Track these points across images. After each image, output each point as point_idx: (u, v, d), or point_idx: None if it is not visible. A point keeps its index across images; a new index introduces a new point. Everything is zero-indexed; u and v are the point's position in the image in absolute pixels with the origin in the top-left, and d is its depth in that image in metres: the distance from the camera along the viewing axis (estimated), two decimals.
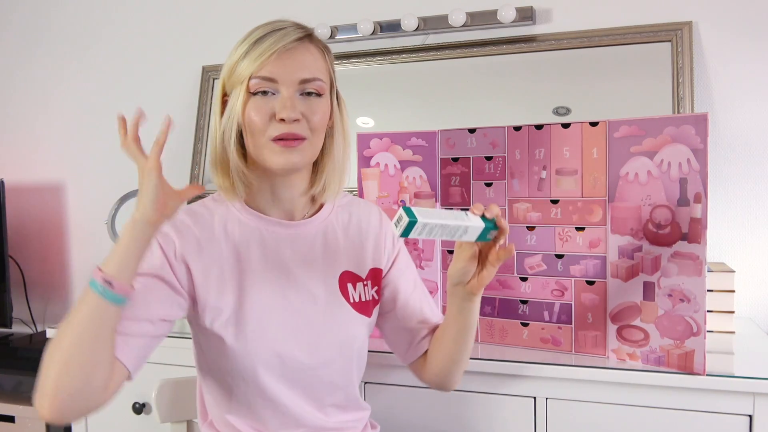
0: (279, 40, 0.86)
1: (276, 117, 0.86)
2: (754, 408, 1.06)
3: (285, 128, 0.86)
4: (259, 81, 0.86)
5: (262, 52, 0.86)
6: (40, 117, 2.17)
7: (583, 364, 1.15)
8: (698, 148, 1.06)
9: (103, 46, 2.09)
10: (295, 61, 0.87)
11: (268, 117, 0.87)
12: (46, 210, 2.17)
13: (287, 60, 0.87)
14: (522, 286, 1.26)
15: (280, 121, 0.86)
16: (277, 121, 0.86)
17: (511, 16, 1.62)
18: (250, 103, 0.87)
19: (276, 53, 0.86)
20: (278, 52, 0.86)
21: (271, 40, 0.86)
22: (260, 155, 0.89)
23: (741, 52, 1.51)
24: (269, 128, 0.87)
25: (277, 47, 0.86)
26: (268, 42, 0.86)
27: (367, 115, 1.78)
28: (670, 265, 1.10)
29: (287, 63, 0.87)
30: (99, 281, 0.76)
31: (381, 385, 1.27)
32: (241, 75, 0.87)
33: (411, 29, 1.72)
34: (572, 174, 1.20)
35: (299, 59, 0.88)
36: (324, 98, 0.91)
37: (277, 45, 0.86)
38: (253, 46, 0.87)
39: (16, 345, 1.94)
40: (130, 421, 1.51)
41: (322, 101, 0.91)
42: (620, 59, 1.57)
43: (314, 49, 0.90)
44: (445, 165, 1.33)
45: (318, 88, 0.89)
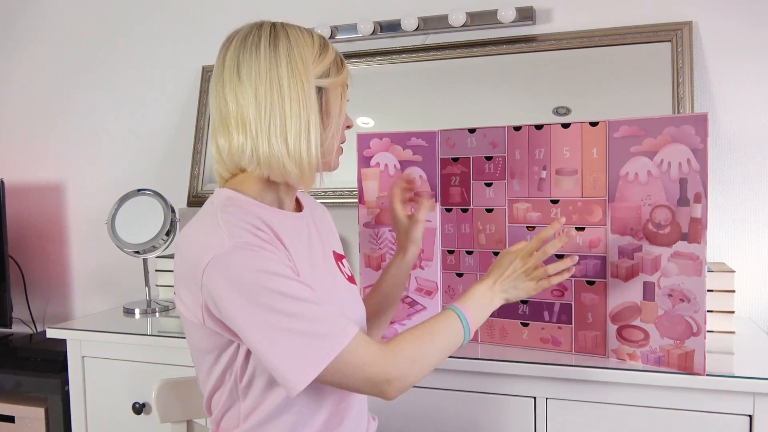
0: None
1: (348, 123, 0.98)
2: (754, 408, 1.06)
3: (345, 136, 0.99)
4: (347, 89, 0.97)
5: (346, 65, 0.96)
6: (40, 117, 2.17)
7: (583, 364, 1.15)
8: (698, 148, 1.06)
9: (104, 46, 2.09)
10: None
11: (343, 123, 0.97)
12: (46, 210, 2.17)
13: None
14: None
15: (347, 128, 0.98)
16: (345, 128, 0.98)
17: (511, 16, 1.62)
18: (343, 107, 0.96)
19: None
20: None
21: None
22: (331, 155, 0.96)
23: (741, 53, 1.51)
24: (343, 134, 0.98)
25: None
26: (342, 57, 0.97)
27: (367, 115, 1.78)
28: (670, 265, 1.10)
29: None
30: (470, 334, 0.96)
31: None
32: (342, 79, 0.94)
33: (411, 29, 1.72)
34: (572, 174, 1.20)
35: None
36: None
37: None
38: (338, 57, 0.95)
39: (16, 345, 1.94)
40: (130, 421, 1.51)
41: None
42: (620, 59, 1.57)
43: None
44: (445, 165, 1.33)
45: None
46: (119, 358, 1.51)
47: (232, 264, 0.79)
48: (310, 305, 0.81)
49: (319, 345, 0.80)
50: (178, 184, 1.97)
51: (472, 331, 0.95)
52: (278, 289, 0.79)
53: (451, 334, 0.93)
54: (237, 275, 0.79)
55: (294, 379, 0.79)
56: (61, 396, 1.71)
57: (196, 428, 1.16)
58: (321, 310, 0.82)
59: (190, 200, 1.91)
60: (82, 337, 1.53)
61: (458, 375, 1.22)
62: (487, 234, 1.29)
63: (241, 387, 0.89)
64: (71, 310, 2.16)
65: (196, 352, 0.93)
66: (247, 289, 0.79)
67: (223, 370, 0.89)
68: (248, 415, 0.90)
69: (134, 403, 1.49)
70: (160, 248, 1.70)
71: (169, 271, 1.82)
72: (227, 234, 0.81)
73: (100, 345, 1.53)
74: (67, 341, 1.55)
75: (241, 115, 0.87)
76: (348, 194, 1.75)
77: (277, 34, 0.89)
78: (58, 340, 1.55)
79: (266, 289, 0.79)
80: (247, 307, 0.79)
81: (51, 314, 2.17)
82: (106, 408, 1.55)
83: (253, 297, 0.78)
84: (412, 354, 0.88)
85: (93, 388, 1.56)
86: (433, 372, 1.23)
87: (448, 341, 0.92)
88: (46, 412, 1.76)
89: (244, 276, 0.79)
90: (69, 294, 2.16)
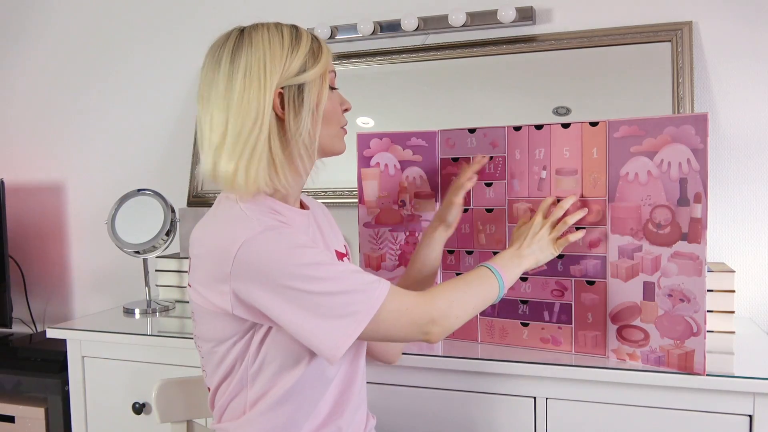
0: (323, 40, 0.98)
1: (342, 108, 0.99)
2: (754, 408, 1.06)
3: (346, 117, 1.01)
4: (332, 75, 0.97)
5: (327, 49, 0.95)
6: (40, 117, 2.17)
7: (583, 364, 1.15)
8: (698, 148, 1.06)
9: (104, 46, 2.09)
10: None
11: (339, 108, 0.98)
12: (46, 210, 2.17)
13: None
14: (522, 286, 1.26)
15: (345, 111, 1.00)
16: (343, 112, 0.99)
17: (511, 16, 1.62)
18: (330, 96, 0.95)
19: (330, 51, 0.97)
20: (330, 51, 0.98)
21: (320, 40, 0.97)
22: (332, 143, 0.98)
23: (741, 52, 1.51)
24: (341, 118, 0.99)
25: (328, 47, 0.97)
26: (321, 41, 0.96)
27: (367, 115, 1.78)
28: (670, 265, 1.10)
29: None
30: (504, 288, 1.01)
31: (381, 385, 1.27)
32: (319, 70, 0.92)
33: (411, 29, 1.72)
34: (572, 174, 1.20)
35: None
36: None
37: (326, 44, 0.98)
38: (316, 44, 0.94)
39: (16, 345, 1.94)
40: (130, 421, 1.51)
41: None
42: (620, 59, 1.56)
43: None
44: (445, 165, 1.33)
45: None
46: (119, 358, 1.51)
47: (265, 244, 0.83)
48: (343, 266, 0.88)
49: (360, 300, 0.85)
50: (178, 184, 1.97)
51: (507, 286, 1.01)
52: (313, 259, 0.84)
53: (485, 285, 0.99)
54: (271, 254, 0.83)
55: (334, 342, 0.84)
56: (61, 396, 1.71)
57: (196, 428, 1.16)
58: (354, 268, 0.89)
59: (190, 200, 1.91)
60: (82, 337, 1.53)
61: (458, 375, 1.22)
62: (487, 234, 1.29)
63: (250, 373, 0.91)
64: (71, 310, 2.16)
65: (208, 344, 0.94)
66: (282, 266, 0.83)
67: (235, 358, 0.92)
68: (255, 402, 0.92)
69: (134, 403, 1.49)
70: (160, 248, 1.70)
71: (170, 271, 1.82)
72: (256, 221, 0.85)
73: (100, 345, 1.53)
74: (67, 341, 1.55)
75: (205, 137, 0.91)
76: (348, 194, 1.75)
77: (242, 42, 0.90)
78: (58, 340, 1.55)
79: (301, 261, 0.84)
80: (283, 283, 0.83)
81: (51, 314, 2.17)
82: (106, 408, 1.55)
83: (287, 272, 0.83)
84: (449, 296, 0.94)
85: (93, 388, 1.55)
86: (432, 372, 1.23)
87: (484, 291, 0.98)
88: (46, 412, 1.75)
89: (278, 254, 0.83)
90: (69, 294, 2.16)
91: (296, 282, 0.83)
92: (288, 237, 0.85)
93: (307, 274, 0.83)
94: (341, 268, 0.87)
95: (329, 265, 0.86)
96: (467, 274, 1.00)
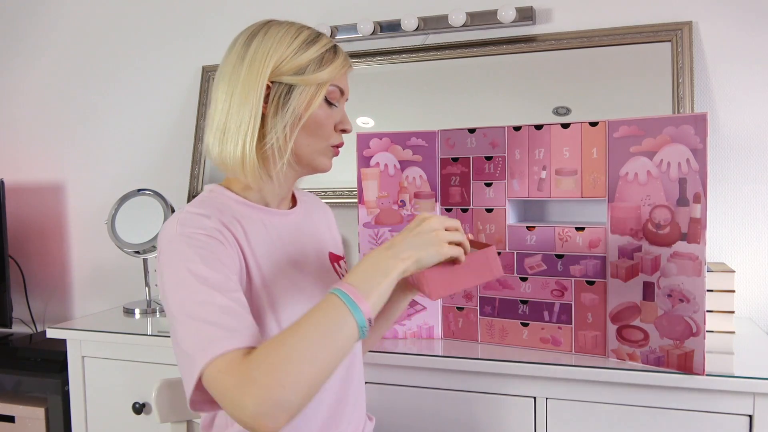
0: (346, 56, 0.94)
1: (339, 127, 0.94)
2: (754, 408, 1.06)
3: (342, 138, 0.96)
4: (335, 90, 0.92)
5: (341, 64, 0.92)
6: (40, 117, 2.17)
7: (583, 364, 1.15)
8: (697, 148, 1.06)
9: (104, 46, 2.09)
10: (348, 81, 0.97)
11: (333, 125, 0.93)
12: (46, 210, 2.17)
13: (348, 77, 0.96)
14: (522, 286, 1.26)
15: (341, 132, 0.95)
16: (338, 132, 0.94)
17: (511, 16, 1.62)
18: (324, 109, 0.91)
19: (348, 68, 0.94)
20: (348, 67, 0.94)
21: (343, 55, 0.93)
22: (313, 157, 0.93)
23: (741, 53, 1.51)
24: (333, 137, 0.94)
25: (347, 62, 0.94)
26: (342, 55, 0.93)
27: (367, 115, 1.78)
28: (669, 265, 1.10)
29: (348, 80, 0.96)
30: (365, 317, 0.74)
31: (381, 385, 1.27)
32: (318, 78, 0.89)
33: (411, 29, 1.72)
34: (572, 174, 1.20)
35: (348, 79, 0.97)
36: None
37: (347, 60, 0.94)
38: (330, 54, 0.91)
39: (16, 345, 1.94)
40: (130, 421, 1.51)
41: None
42: (620, 59, 1.57)
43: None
44: (445, 165, 1.33)
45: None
46: (119, 358, 1.51)
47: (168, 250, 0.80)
48: (217, 302, 0.75)
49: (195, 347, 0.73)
50: (178, 184, 1.97)
51: (367, 303, 0.74)
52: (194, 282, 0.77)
53: (327, 319, 0.73)
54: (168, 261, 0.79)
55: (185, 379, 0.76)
56: (61, 396, 1.71)
57: (196, 428, 1.16)
58: (229, 308, 0.76)
59: (190, 200, 1.91)
60: (82, 337, 1.53)
61: (458, 375, 1.22)
62: (487, 234, 1.29)
63: None
64: (71, 310, 2.16)
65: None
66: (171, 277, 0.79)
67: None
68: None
69: (134, 403, 1.49)
70: None
71: None
72: (179, 222, 0.82)
73: (100, 345, 1.53)
74: (67, 341, 1.55)
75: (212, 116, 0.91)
76: (348, 194, 1.75)
77: (257, 32, 0.91)
78: (58, 340, 1.55)
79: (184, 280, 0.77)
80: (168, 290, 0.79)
81: (51, 314, 2.17)
82: (106, 408, 1.55)
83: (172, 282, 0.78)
84: (278, 375, 0.68)
85: (93, 388, 1.56)
86: (432, 372, 1.23)
87: (326, 328, 0.72)
88: (46, 412, 1.76)
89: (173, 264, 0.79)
90: (69, 294, 2.16)
91: (173, 294, 0.77)
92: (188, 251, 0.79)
93: (182, 294, 0.77)
94: (213, 304, 0.75)
95: (204, 294, 0.76)
96: (312, 315, 0.74)
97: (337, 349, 0.72)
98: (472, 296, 1.32)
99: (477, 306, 1.31)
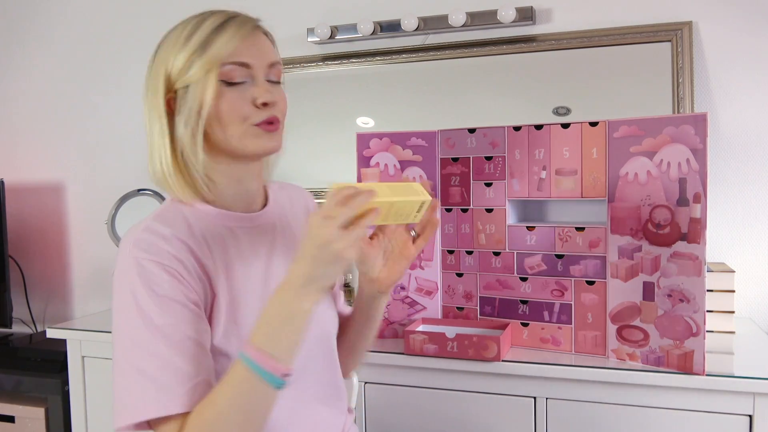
0: (243, 23, 0.83)
1: (257, 102, 0.82)
2: (754, 408, 1.06)
3: (267, 113, 0.83)
4: (234, 67, 0.81)
5: (231, 37, 0.81)
6: (40, 117, 2.17)
7: (583, 364, 1.15)
8: (697, 148, 1.06)
9: (104, 46, 2.09)
10: (261, 46, 0.84)
11: (248, 104, 0.82)
12: (46, 210, 2.17)
13: (255, 44, 0.83)
14: (522, 286, 1.26)
15: (262, 106, 0.82)
16: (259, 107, 0.82)
17: (511, 16, 1.62)
18: (224, 93, 0.81)
19: (244, 37, 0.82)
20: (246, 36, 0.82)
21: (236, 25, 0.82)
22: (239, 144, 0.83)
23: (741, 53, 1.51)
24: (252, 115, 0.82)
25: (244, 30, 0.82)
26: (233, 27, 0.82)
27: (367, 115, 1.78)
28: (669, 265, 1.10)
29: (256, 47, 0.83)
30: (279, 377, 0.71)
31: (381, 385, 1.27)
32: (204, 66, 0.81)
33: (411, 29, 1.72)
34: (572, 174, 1.20)
35: (262, 43, 0.84)
36: (282, 85, 0.88)
37: (243, 28, 0.82)
38: (214, 34, 0.82)
39: (16, 345, 1.94)
40: None
41: (281, 88, 0.87)
42: (620, 59, 1.57)
43: (265, 35, 0.87)
44: (445, 165, 1.33)
45: (280, 73, 0.86)
46: None
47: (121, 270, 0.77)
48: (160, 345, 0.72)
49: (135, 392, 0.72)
50: None
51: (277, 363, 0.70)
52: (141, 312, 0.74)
53: (240, 393, 0.70)
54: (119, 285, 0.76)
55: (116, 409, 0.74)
56: (61, 396, 1.71)
57: None
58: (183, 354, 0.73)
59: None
60: (82, 337, 1.53)
61: (458, 375, 1.22)
62: (487, 234, 1.29)
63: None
64: (71, 310, 2.16)
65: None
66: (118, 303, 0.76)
67: None
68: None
69: None
70: None
71: None
72: (135, 245, 0.77)
73: (100, 345, 1.53)
74: (67, 341, 1.55)
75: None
76: None
77: (157, 46, 0.89)
78: (58, 340, 1.55)
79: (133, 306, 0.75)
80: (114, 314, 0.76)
81: (51, 314, 2.17)
82: (106, 408, 1.55)
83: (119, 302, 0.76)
84: None
85: (93, 388, 1.56)
86: (432, 372, 1.23)
87: (242, 402, 0.70)
88: (46, 412, 1.75)
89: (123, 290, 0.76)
90: (69, 294, 2.16)
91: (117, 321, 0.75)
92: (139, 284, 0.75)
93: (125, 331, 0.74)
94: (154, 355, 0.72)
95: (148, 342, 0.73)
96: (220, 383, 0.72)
97: (259, 414, 0.72)
98: (472, 296, 1.32)
99: (477, 306, 1.31)
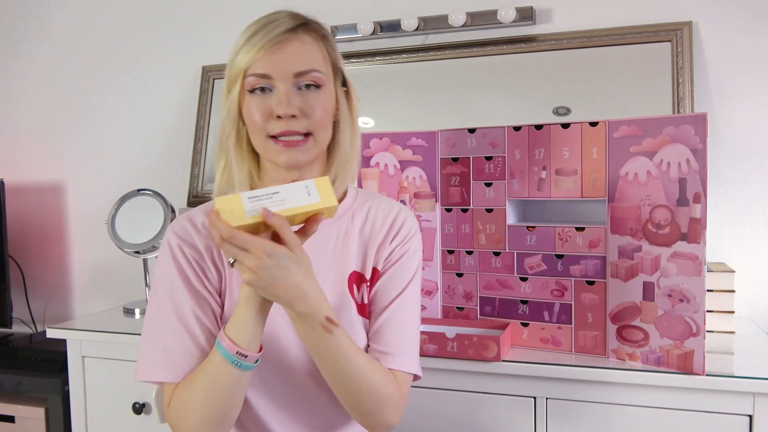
0: (267, 33, 0.83)
1: (273, 114, 0.83)
2: (754, 408, 1.06)
3: (283, 126, 0.83)
4: (255, 78, 0.84)
5: (251, 47, 0.83)
6: (40, 117, 2.17)
7: (583, 364, 1.15)
8: (697, 148, 1.06)
9: (104, 46, 2.09)
10: (288, 54, 0.83)
11: (267, 114, 0.84)
12: (46, 210, 2.17)
13: (279, 54, 0.83)
14: (522, 286, 1.26)
15: (277, 119, 0.83)
16: (274, 119, 0.83)
17: (511, 16, 1.62)
18: (249, 101, 0.85)
19: (265, 48, 0.83)
20: (267, 47, 0.83)
21: (261, 35, 0.83)
22: (263, 153, 0.87)
23: (741, 53, 1.51)
24: (268, 126, 0.84)
25: (264, 41, 0.83)
26: (258, 36, 0.83)
27: (367, 115, 1.78)
28: (669, 265, 1.10)
29: (279, 57, 0.83)
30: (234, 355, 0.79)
31: None
32: (237, 72, 0.85)
33: (411, 29, 1.72)
34: (572, 174, 1.20)
35: (291, 51, 0.84)
36: (325, 89, 0.86)
37: (265, 39, 0.83)
38: (246, 42, 0.84)
39: (16, 345, 1.94)
40: (130, 421, 1.51)
41: (323, 93, 0.86)
42: (620, 59, 1.57)
43: (308, 39, 0.86)
44: (445, 165, 1.33)
45: (315, 79, 0.85)
46: (119, 358, 1.51)
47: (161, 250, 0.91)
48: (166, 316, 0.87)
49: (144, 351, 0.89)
50: (178, 184, 1.97)
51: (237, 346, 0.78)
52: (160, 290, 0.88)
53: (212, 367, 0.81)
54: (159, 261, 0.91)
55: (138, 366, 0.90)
56: (61, 396, 1.71)
57: None
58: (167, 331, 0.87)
59: (190, 200, 1.91)
60: (82, 337, 1.53)
61: (458, 375, 1.22)
62: (487, 234, 1.29)
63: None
64: (71, 310, 2.16)
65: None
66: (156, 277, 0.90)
67: None
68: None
69: (134, 403, 1.49)
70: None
71: None
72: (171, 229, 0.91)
73: (100, 345, 1.53)
74: (67, 341, 1.55)
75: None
76: None
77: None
78: (58, 340, 1.55)
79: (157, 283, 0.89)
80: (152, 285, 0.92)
81: (51, 314, 2.17)
82: (106, 408, 1.55)
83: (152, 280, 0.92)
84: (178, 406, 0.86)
85: (93, 388, 1.56)
86: (432, 372, 1.23)
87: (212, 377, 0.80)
88: (46, 412, 1.75)
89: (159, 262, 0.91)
90: (69, 294, 2.16)
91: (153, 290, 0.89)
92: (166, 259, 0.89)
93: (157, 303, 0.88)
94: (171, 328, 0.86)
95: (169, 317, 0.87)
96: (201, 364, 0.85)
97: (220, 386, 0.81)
98: (472, 296, 1.32)
99: (477, 306, 1.31)
